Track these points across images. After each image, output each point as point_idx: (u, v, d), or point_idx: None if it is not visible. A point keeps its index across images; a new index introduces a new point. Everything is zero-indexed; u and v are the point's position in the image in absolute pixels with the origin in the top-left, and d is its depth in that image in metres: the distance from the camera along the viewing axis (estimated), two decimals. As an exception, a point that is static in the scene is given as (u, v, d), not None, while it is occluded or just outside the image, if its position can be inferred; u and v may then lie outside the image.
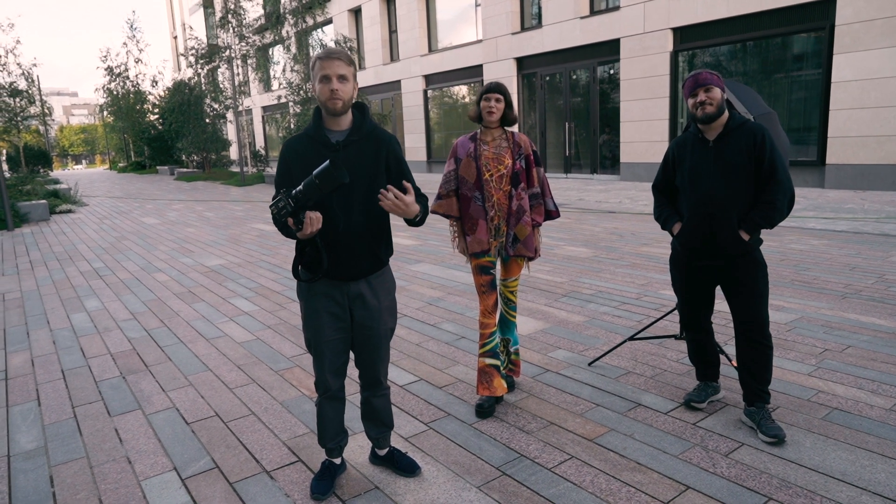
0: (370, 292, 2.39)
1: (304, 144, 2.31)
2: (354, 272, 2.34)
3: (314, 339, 2.39)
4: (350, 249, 2.31)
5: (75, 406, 3.49)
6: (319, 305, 2.36)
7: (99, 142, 78.25)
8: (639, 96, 14.28)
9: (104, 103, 35.69)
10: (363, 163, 2.30)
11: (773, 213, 2.69)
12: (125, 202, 16.88)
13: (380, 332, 2.44)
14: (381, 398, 2.57)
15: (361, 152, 2.31)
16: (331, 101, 2.22)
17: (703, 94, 2.74)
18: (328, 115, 2.28)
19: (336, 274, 2.33)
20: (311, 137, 2.30)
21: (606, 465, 2.61)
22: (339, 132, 2.32)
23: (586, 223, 9.27)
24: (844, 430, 2.80)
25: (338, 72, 2.19)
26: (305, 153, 2.29)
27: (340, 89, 2.20)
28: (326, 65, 2.19)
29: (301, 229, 2.14)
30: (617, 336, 4.23)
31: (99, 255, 8.54)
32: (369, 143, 2.33)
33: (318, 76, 2.21)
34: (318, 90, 2.24)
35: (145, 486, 2.62)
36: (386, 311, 2.45)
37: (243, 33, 21.69)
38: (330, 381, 2.44)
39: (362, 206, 2.30)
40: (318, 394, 2.48)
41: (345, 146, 2.29)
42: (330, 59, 2.19)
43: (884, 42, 10.31)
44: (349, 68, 2.22)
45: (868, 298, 4.77)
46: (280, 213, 2.11)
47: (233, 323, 4.99)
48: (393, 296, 2.49)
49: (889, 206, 9.12)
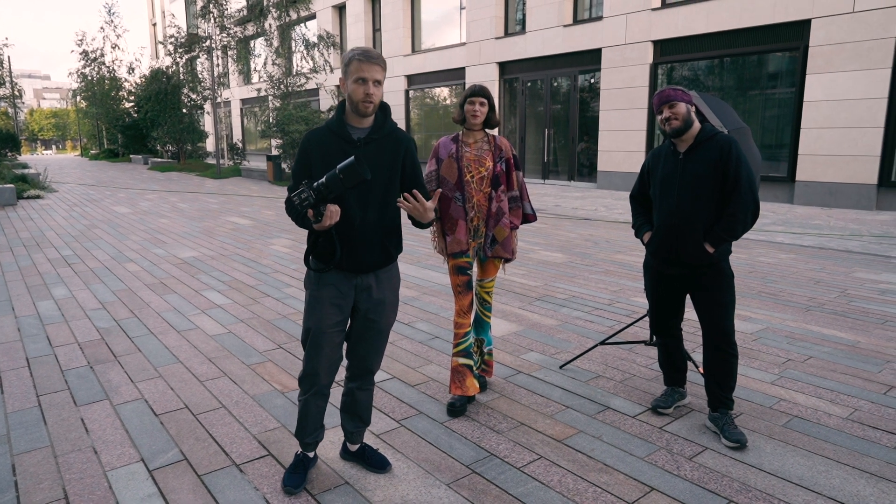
0: (377, 286, 2.43)
1: (326, 138, 2.34)
2: (364, 265, 2.38)
3: (315, 329, 2.39)
4: (363, 243, 2.35)
5: (40, 395, 3.43)
6: (325, 294, 2.38)
7: (70, 127, 76.56)
8: (618, 106, 14.48)
9: (78, 88, 34.94)
10: (382, 161, 2.34)
11: (736, 225, 2.76)
12: (96, 190, 16.55)
13: (381, 325, 2.48)
14: (366, 392, 2.60)
15: (381, 151, 2.35)
16: (363, 104, 2.26)
17: (668, 111, 2.82)
18: (357, 114, 2.31)
19: (347, 266, 2.37)
20: (333, 132, 2.34)
21: (574, 466, 2.66)
22: (361, 129, 2.36)
23: (562, 229, 9.37)
24: (803, 438, 2.89)
25: (375, 77, 2.23)
26: (327, 146, 2.33)
27: (375, 94, 2.25)
28: (366, 68, 2.21)
29: (320, 221, 2.17)
30: (588, 340, 4.30)
31: (68, 243, 8.37)
32: (389, 143, 2.37)
33: (355, 76, 2.23)
34: (351, 89, 2.26)
35: (111, 477, 2.59)
36: (390, 306, 2.49)
37: (224, 24, 21.44)
38: (322, 376, 2.44)
39: (378, 202, 2.35)
40: (304, 389, 2.47)
41: (365, 143, 2.33)
42: (370, 62, 2.22)
43: (853, 65, 10.64)
44: (384, 73, 2.28)
45: (831, 312, 4.93)
46: (302, 203, 2.13)
47: (205, 316, 4.94)
48: (397, 291, 2.53)
49: (853, 223, 9.40)
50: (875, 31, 10.34)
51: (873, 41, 10.37)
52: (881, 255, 7.12)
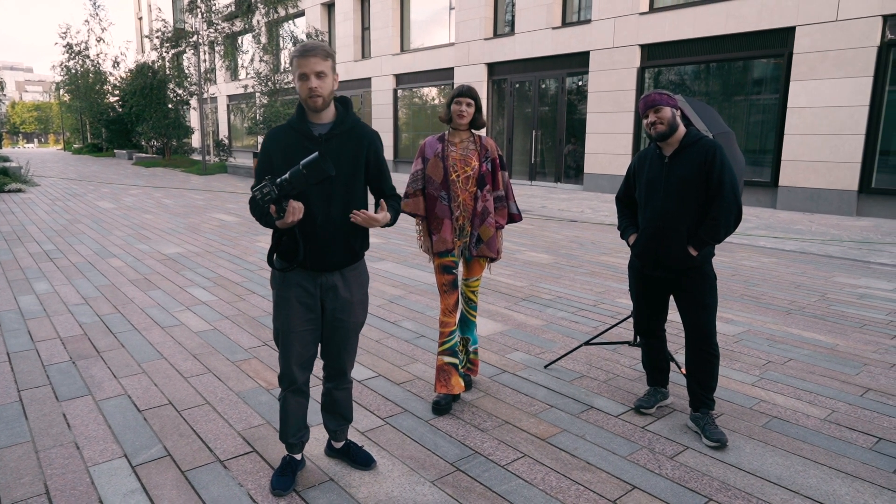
0: (343, 284, 2.40)
1: (287, 136, 2.31)
2: (329, 264, 2.35)
3: (283, 328, 2.38)
4: (327, 241, 2.31)
5: (21, 390, 3.39)
6: (292, 295, 2.36)
7: (53, 121, 75.50)
8: (605, 109, 14.59)
9: (61, 81, 34.46)
10: (345, 157, 2.31)
11: (718, 229, 2.81)
12: (79, 184, 16.35)
13: (349, 325, 2.45)
14: (343, 391, 2.58)
15: (344, 146, 2.32)
16: (311, 100, 2.22)
17: (653, 115, 2.86)
18: (309, 110, 2.28)
19: (311, 265, 2.34)
20: (294, 129, 2.31)
21: (557, 464, 2.68)
22: (322, 125, 2.32)
23: (548, 230, 9.43)
24: (782, 438, 2.94)
25: (315, 69, 2.18)
26: (289, 144, 2.30)
27: (319, 86, 2.20)
28: (303, 62, 2.17)
29: (282, 218, 2.14)
30: (573, 341, 4.34)
31: (50, 238, 8.27)
32: (352, 138, 2.34)
33: (297, 74, 2.20)
34: (297, 88, 2.23)
35: (94, 473, 2.57)
36: (358, 305, 2.45)
37: (212, 19, 21.27)
38: (296, 374, 2.42)
39: (341, 199, 2.32)
40: (283, 388, 2.47)
41: (328, 139, 2.30)
42: (306, 56, 2.17)
43: (836, 73, 10.81)
44: (326, 63, 2.20)
45: (811, 315, 5.01)
46: (264, 198, 2.11)
47: (189, 312, 4.91)
48: (366, 290, 2.50)
49: (834, 229, 9.55)
50: (858, 40, 10.51)
51: (856, 49, 10.54)
52: (860, 260, 7.24)
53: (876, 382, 3.63)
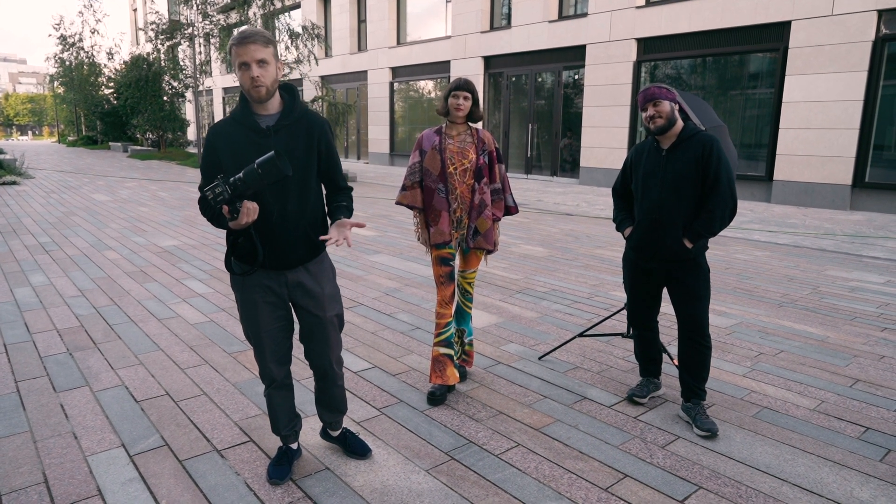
0: (310, 280, 2.32)
1: (232, 129, 2.18)
2: (291, 260, 2.26)
3: (252, 331, 2.33)
4: (286, 238, 2.22)
5: (18, 381, 3.41)
6: (256, 297, 2.28)
7: (48, 113, 75.06)
8: (601, 103, 14.60)
9: (55, 73, 34.25)
10: (296, 148, 2.20)
11: (714, 223, 2.84)
12: (74, 177, 16.29)
13: (326, 320, 2.38)
14: (336, 388, 2.57)
15: (293, 137, 2.20)
16: (254, 90, 2.09)
17: (652, 109, 2.88)
18: (254, 101, 2.15)
19: (272, 264, 2.24)
20: (239, 122, 2.17)
21: (550, 453, 2.72)
22: (269, 116, 2.19)
23: (544, 224, 9.46)
24: (772, 428, 2.99)
25: (256, 56, 2.04)
26: (234, 139, 2.16)
27: (262, 75, 2.07)
28: (242, 51, 2.04)
29: (236, 219, 2.04)
30: (567, 332, 4.37)
31: (45, 230, 8.26)
32: (300, 128, 2.22)
33: (237, 63, 2.07)
34: (238, 78, 2.10)
35: (92, 462, 2.60)
36: (329, 298, 2.38)
37: (207, 11, 21.16)
38: (274, 371, 2.39)
39: (296, 193, 2.21)
40: (265, 385, 2.46)
41: (276, 131, 2.18)
42: (245, 43, 2.03)
43: (831, 67, 10.84)
44: (267, 49, 2.07)
45: (802, 308, 5.06)
46: (216, 199, 2.00)
47: (186, 304, 4.92)
48: (335, 282, 2.42)
49: (828, 223, 9.61)
50: (853, 35, 10.54)
51: (851, 44, 10.57)
52: (853, 253, 7.30)
53: (865, 373, 3.68)
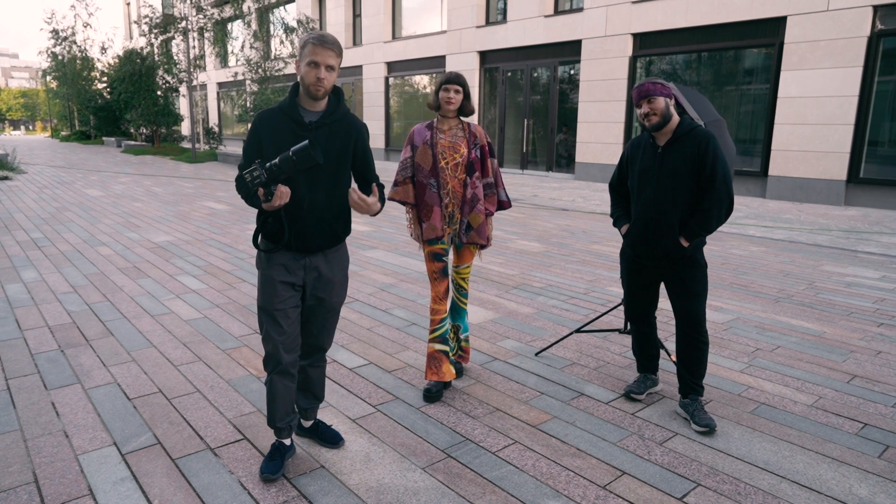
0: (326, 265, 2.47)
1: (278, 119, 2.35)
2: (313, 246, 2.41)
3: (268, 307, 2.41)
4: (311, 225, 2.38)
5: (9, 378, 3.36)
6: (276, 274, 2.41)
7: (40, 108, 74.57)
8: (597, 98, 14.57)
9: (48, 67, 33.99)
10: (333, 146, 2.37)
11: (710, 220, 2.82)
12: (67, 172, 16.17)
13: (330, 303, 2.52)
14: (318, 369, 2.66)
15: (333, 135, 2.37)
16: (314, 87, 2.28)
17: (647, 106, 2.85)
18: (308, 97, 2.33)
19: (295, 246, 2.40)
20: (285, 113, 2.35)
21: (548, 451, 2.70)
22: (314, 113, 2.38)
23: (539, 219, 9.43)
24: (770, 424, 2.97)
25: (328, 62, 2.26)
26: (278, 128, 2.34)
27: (326, 78, 2.27)
28: (319, 51, 2.24)
29: (269, 201, 2.20)
30: (564, 328, 4.35)
31: (38, 226, 8.18)
32: (341, 128, 2.40)
33: (308, 59, 2.25)
34: (304, 72, 2.28)
35: (83, 461, 2.56)
36: (339, 285, 2.53)
37: (201, 5, 21.00)
38: (282, 354, 2.44)
39: (327, 187, 2.38)
40: (269, 370, 2.47)
41: (317, 127, 2.35)
42: (324, 47, 2.24)
43: (826, 63, 10.84)
44: (338, 59, 2.30)
45: (799, 303, 5.05)
46: (253, 181, 2.18)
47: (179, 300, 4.88)
48: (346, 270, 2.58)
49: (823, 218, 9.62)
50: (848, 30, 10.53)
51: (846, 40, 10.57)
52: (848, 249, 7.30)
53: (862, 369, 3.67)
